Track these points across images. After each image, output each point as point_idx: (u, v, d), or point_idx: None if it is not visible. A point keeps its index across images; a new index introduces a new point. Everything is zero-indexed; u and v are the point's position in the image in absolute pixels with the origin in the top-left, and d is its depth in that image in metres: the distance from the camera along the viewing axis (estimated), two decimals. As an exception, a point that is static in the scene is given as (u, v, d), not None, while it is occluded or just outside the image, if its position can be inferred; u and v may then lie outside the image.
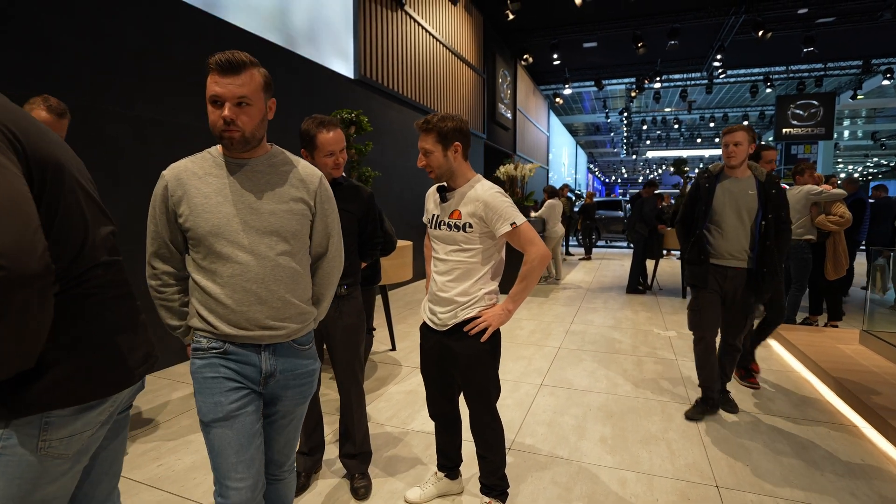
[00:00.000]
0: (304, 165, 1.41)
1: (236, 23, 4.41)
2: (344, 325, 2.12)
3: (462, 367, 1.89)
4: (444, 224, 1.87)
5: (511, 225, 1.78)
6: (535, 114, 16.17)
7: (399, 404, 3.12)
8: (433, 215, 1.95)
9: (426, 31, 8.02)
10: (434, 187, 1.97)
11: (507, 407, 3.11)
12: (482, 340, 1.83)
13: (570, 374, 3.72)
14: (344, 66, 6.02)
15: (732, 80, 15.63)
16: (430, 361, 2.01)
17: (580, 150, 31.86)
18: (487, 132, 11.24)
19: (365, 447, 2.25)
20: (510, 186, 6.60)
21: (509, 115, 12.84)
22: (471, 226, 1.82)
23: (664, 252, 8.93)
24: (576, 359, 4.10)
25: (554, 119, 20.69)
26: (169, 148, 3.74)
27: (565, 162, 24.46)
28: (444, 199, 1.90)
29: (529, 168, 6.50)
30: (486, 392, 1.92)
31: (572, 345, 4.50)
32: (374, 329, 3.81)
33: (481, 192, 1.82)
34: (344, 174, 2.21)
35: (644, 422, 2.94)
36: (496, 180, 7.03)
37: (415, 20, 7.61)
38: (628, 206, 12.71)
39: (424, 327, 2.00)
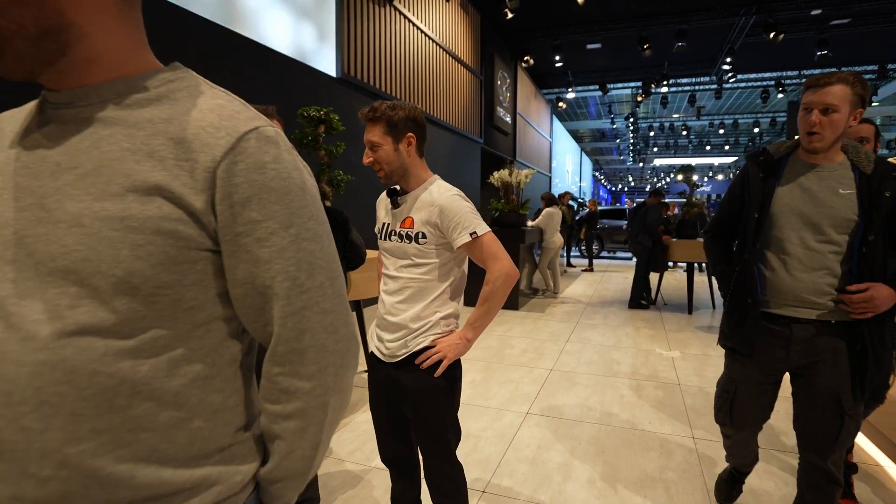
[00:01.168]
0: (210, 108, 0.57)
1: (206, 16, 4.13)
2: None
3: (413, 406, 1.57)
4: (395, 234, 1.56)
5: (471, 235, 1.47)
6: (536, 118, 15.84)
7: (365, 436, 2.78)
8: (383, 224, 1.64)
9: (417, 28, 7.68)
10: (385, 192, 1.66)
11: (486, 440, 2.76)
12: (436, 375, 1.51)
13: (560, 401, 3.36)
14: (326, 63, 5.70)
15: (743, 84, 15.29)
16: (379, 397, 1.68)
17: (585, 157, 31.55)
18: (485, 137, 10.88)
19: (311, 492, 1.94)
20: (505, 193, 6.26)
21: (509, 120, 12.48)
22: (424, 236, 1.50)
23: (669, 265, 8.53)
24: (569, 382, 3.74)
25: (557, 124, 20.35)
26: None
27: (569, 169, 24.13)
28: (395, 205, 1.59)
29: (525, 174, 6.15)
30: (441, 437, 1.59)
31: (566, 366, 4.14)
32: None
33: (437, 196, 1.51)
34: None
35: (640, 459, 2.58)
36: (489, 187, 6.71)
37: (405, 16, 7.27)
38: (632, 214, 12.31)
39: (372, 357, 1.68)
